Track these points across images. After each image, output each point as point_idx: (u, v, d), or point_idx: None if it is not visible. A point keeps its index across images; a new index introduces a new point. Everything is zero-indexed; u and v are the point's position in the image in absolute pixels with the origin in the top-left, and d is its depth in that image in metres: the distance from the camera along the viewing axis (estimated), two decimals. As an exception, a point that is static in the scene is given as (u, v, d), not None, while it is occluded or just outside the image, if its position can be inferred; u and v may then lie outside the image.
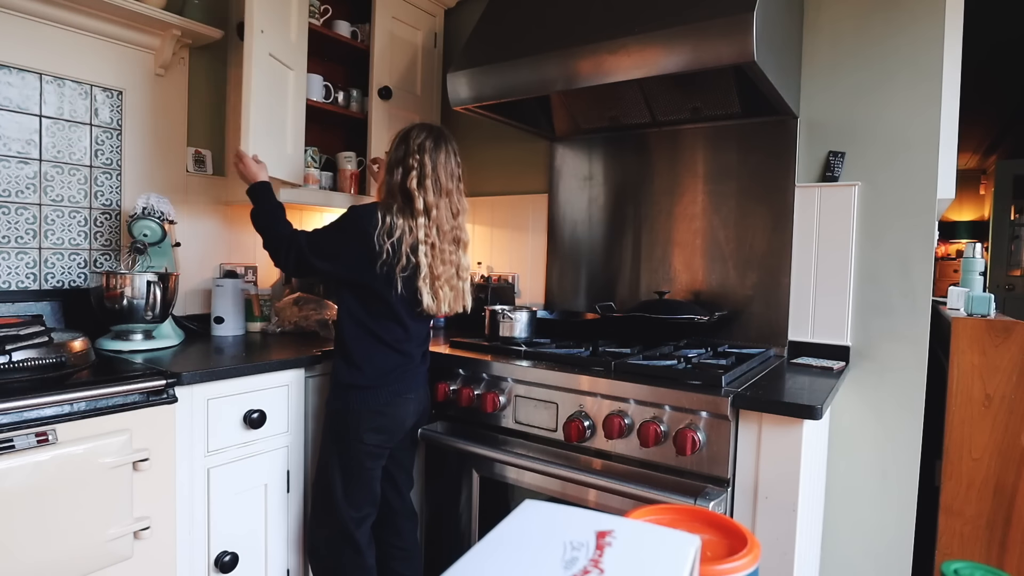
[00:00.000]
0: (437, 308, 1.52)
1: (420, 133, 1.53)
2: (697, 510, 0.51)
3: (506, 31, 1.82)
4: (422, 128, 1.55)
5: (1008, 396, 1.53)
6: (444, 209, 1.52)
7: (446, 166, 1.53)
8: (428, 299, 1.49)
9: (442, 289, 1.52)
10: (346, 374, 1.50)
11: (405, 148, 1.52)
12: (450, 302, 1.55)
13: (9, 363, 1.23)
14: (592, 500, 1.49)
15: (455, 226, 1.55)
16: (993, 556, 1.54)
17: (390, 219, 1.45)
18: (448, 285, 1.54)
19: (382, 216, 1.46)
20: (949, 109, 1.66)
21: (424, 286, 1.48)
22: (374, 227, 1.44)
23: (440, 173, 1.52)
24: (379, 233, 1.44)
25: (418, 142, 1.51)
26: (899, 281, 1.68)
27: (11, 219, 1.65)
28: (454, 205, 1.55)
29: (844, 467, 1.75)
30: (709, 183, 1.96)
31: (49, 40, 1.67)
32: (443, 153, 1.53)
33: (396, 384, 1.53)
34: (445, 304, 1.54)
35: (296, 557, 1.68)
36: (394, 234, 1.44)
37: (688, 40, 1.40)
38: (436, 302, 1.51)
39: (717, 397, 1.31)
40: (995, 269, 5.13)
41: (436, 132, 1.55)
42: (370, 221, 1.45)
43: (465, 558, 0.32)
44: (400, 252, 1.45)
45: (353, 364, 1.50)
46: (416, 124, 1.58)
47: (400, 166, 1.52)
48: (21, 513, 1.11)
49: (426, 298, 1.49)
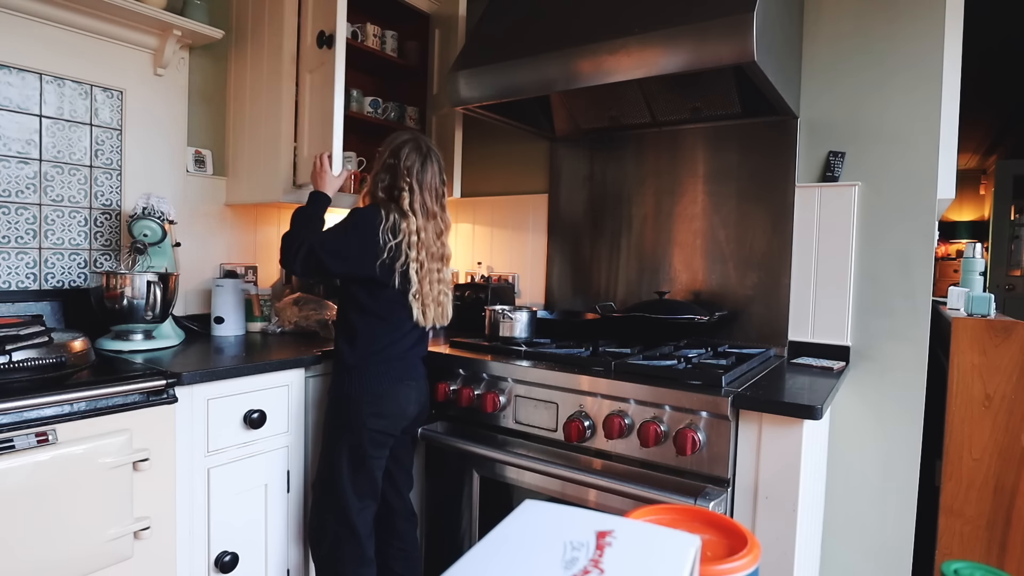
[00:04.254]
0: (425, 323, 1.59)
1: (410, 154, 1.57)
2: (697, 510, 0.51)
3: (506, 31, 1.82)
4: (410, 146, 1.59)
5: (1008, 396, 1.53)
6: (431, 231, 1.58)
7: (430, 187, 1.59)
8: (417, 313, 1.56)
9: (428, 308, 1.58)
10: (349, 354, 1.54)
11: (396, 166, 1.57)
12: (435, 318, 1.61)
13: (9, 363, 1.23)
14: (592, 500, 1.49)
15: (440, 244, 1.62)
16: (993, 556, 1.54)
17: (394, 217, 1.51)
18: (436, 303, 1.60)
19: (386, 214, 1.51)
20: (949, 109, 1.66)
21: (415, 302, 1.55)
22: (380, 223, 1.50)
23: (426, 197, 1.57)
24: (384, 229, 1.50)
25: (407, 164, 1.56)
26: (899, 281, 1.68)
27: (11, 219, 1.65)
28: (438, 226, 1.61)
29: (844, 467, 1.75)
30: (709, 183, 1.96)
31: (49, 40, 1.67)
32: (428, 174, 1.59)
33: (397, 369, 1.55)
34: (430, 321, 1.60)
35: (296, 557, 1.68)
36: (397, 232, 1.51)
37: (688, 40, 1.40)
38: (423, 318, 1.58)
39: (717, 397, 1.31)
40: (995, 269, 5.13)
41: (423, 150, 1.60)
42: (376, 218, 1.50)
43: (465, 558, 0.33)
44: (400, 250, 1.51)
45: (356, 344, 1.54)
46: (405, 140, 1.60)
47: (389, 179, 1.57)
48: (21, 513, 1.11)
49: (415, 312, 1.55)
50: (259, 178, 1.99)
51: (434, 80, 2.39)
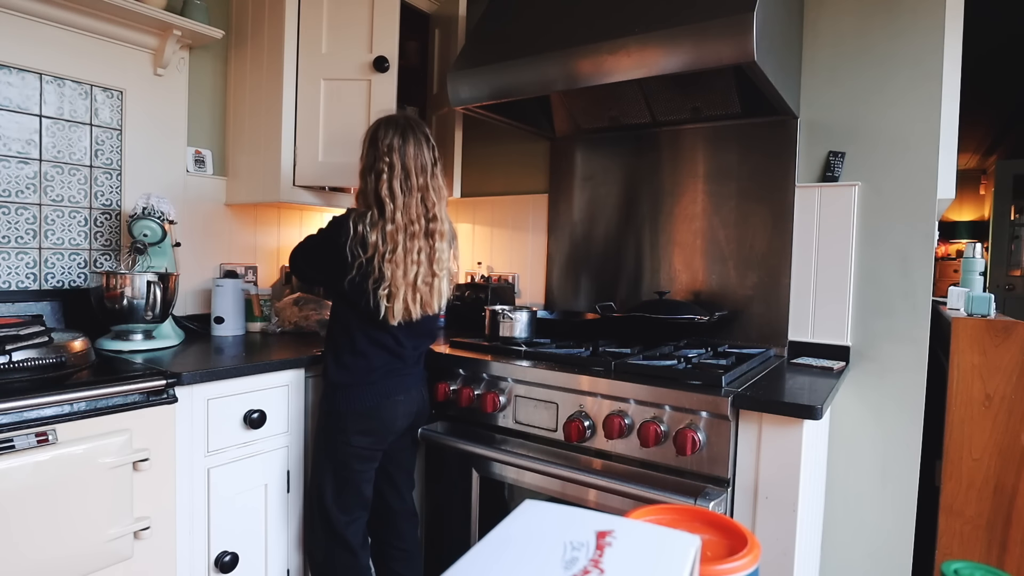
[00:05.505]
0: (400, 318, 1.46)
1: (387, 132, 1.49)
2: (697, 510, 0.51)
3: (506, 31, 1.82)
4: (388, 125, 1.51)
5: (1008, 396, 1.53)
6: (414, 206, 1.47)
7: (416, 159, 1.49)
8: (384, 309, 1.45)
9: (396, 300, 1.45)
10: (334, 372, 1.51)
11: (375, 152, 1.50)
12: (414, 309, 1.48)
13: (9, 363, 1.23)
14: (592, 500, 1.49)
15: (430, 218, 1.50)
16: (993, 556, 1.54)
17: (362, 228, 1.43)
18: (413, 289, 1.47)
19: (353, 225, 1.44)
20: (949, 109, 1.66)
21: (383, 296, 1.44)
22: (345, 238, 1.43)
23: (410, 168, 1.47)
24: (351, 244, 1.43)
25: (387, 143, 1.48)
26: (899, 281, 1.68)
27: (11, 219, 1.65)
28: (429, 198, 1.50)
29: (844, 467, 1.75)
30: (709, 183, 1.96)
31: (49, 40, 1.67)
32: (411, 146, 1.49)
33: (383, 384, 1.51)
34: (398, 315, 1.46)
35: (296, 557, 1.68)
36: (367, 245, 1.43)
37: (688, 40, 1.40)
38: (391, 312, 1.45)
39: (717, 397, 1.31)
40: (995, 269, 5.13)
41: (403, 125, 1.51)
42: (340, 233, 1.44)
43: (465, 558, 0.32)
44: (373, 264, 1.43)
45: (340, 363, 1.50)
46: (381, 121, 1.53)
47: (372, 171, 1.49)
48: (21, 513, 1.11)
49: (382, 308, 1.44)
50: (259, 178, 1.99)
51: (434, 80, 2.39)
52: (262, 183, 1.97)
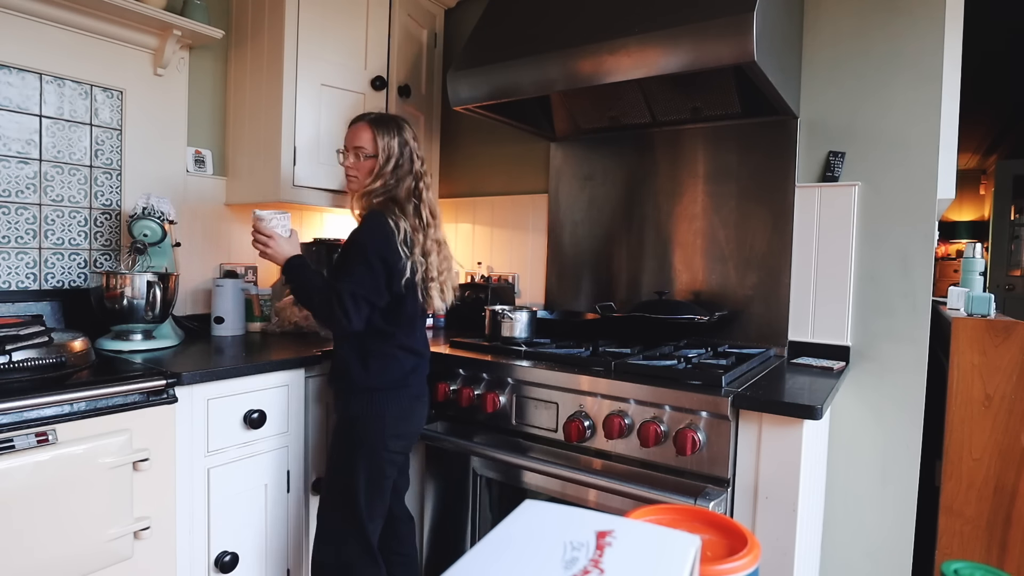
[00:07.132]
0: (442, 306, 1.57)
1: (410, 130, 1.54)
2: (697, 510, 0.51)
3: (506, 31, 1.82)
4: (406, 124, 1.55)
5: (1008, 396, 1.53)
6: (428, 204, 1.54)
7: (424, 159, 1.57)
8: (438, 301, 1.54)
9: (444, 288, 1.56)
10: (364, 377, 1.45)
11: (408, 149, 1.52)
12: (450, 299, 1.60)
13: (9, 363, 1.23)
14: (592, 500, 1.49)
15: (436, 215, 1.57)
16: (993, 556, 1.54)
17: (404, 227, 1.44)
18: (450, 283, 1.58)
19: (395, 224, 1.43)
20: (949, 109, 1.66)
21: (434, 288, 1.52)
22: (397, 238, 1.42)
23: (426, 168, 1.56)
24: (401, 242, 1.43)
25: (415, 144, 1.54)
26: (899, 281, 1.68)
27: (11, 219, 1.65)
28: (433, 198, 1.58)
29: (844, 467, 1.75)
30: (709, 183, 1.96)
31: (49, 40, 1.67)
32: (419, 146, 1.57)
33: (414, 386, 1.52)
34: (447, 303, 1.58)
35: (296, 557, 1.68)
36: (410, 243, 1.45)
37: (688, 40, 1.40)
38: (444, 303, 1.57)
39: (717, 397, 1.31)
40: (995, 269, 5.13)
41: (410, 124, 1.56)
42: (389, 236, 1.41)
43: (465, 559, 0.32)
44: (417, 260, 1.46)
45: (372, 368, 1.46)
46: (402, 120, 1.56)
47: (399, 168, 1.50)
48: (21, 513, 1.11)
49: (436, 300, 1.53)
50: (259, 178, 1.99)
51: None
52: (262, 183, 1.97)
